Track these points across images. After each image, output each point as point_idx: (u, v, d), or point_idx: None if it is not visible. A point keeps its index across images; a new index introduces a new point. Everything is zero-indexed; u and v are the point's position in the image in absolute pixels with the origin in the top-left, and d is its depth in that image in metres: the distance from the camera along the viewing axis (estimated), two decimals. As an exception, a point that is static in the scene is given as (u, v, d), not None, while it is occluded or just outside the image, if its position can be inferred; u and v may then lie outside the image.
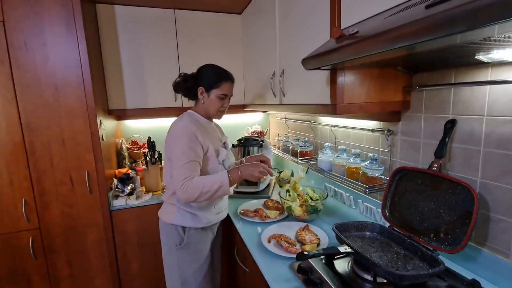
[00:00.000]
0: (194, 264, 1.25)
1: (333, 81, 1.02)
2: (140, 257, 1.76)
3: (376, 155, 1.22)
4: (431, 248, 0.91)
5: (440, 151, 0.97)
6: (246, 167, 1.18)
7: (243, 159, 1.49)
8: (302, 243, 1.13)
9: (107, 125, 1.74)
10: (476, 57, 0.80)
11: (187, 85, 1.24)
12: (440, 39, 0.52)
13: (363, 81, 1.03)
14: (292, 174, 1.52)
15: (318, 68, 0.94)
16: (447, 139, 0.96)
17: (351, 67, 0.99)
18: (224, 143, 1.33)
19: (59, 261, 1.58)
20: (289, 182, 1.42)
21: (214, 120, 1.36)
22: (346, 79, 1.01)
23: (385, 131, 1.21)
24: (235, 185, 1.46)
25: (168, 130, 1.21)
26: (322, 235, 1.20)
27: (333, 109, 1.03)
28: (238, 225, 1.37)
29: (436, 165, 0.97)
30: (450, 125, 0.96)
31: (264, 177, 1.19)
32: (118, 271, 1.71)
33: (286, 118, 2.13)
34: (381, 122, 1.27)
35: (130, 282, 1.76)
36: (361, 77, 1.03)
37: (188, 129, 1.15)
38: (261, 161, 1.39)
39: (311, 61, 0.90)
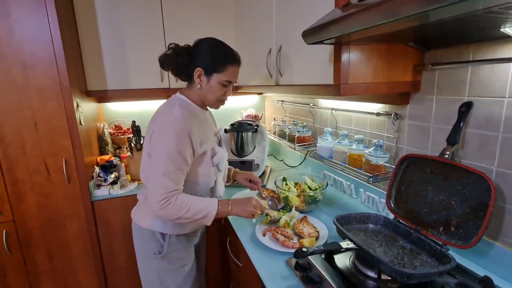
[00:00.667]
0: (177, 274, 1.11)
1: (337, 58, 0.93)
2: (127, 249, 1.70)
3: (381, 141, 1.16)
4: (440, 243, 0.86)
5: (453, 137, 0.90)
6: (237, 204, 1.06)
7: (233, 168, 1.37)
8: (300, 236, 1.08)
9: (86, 107, 1.63)
10: (501, 29, 0.72)
11: (180, 62, 1.00)
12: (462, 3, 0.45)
13: (370, 58, 0.95)
14: (288, 208, 1.27)
15: (321, 42, 0.85)
16: (461, 124, 0.89)
17: (357, 42, 0.90)
18: (219, 137, 1.17)
19: (38, 255, 1.52)
20: (279, 219, 1.18)
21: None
22: (352, 56, 0.92)
23: (392, 115, 1.14)
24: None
25: (153, 119, 1.01)
26: (321, 227, 1.15)
27: (336, 90, 0.95)
28: (230, 216, 1.31)
29: (448, 152, 0.91)
30: (465, 108, 0.89)
31: (258, 212, 1.08)
32: (103, 264, 1.66)
33: (282, 101, 2.05)
34: (387, 105, 1.20)
35: (117, 276, 1.71)
36: (367, 54, 0.94)
37: (180, 127, 0.94)
38: (250, 181, 1.30)
39: (313, 34, 0.81)
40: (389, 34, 0.81)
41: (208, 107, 1.14)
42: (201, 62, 1.00)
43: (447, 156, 0.91)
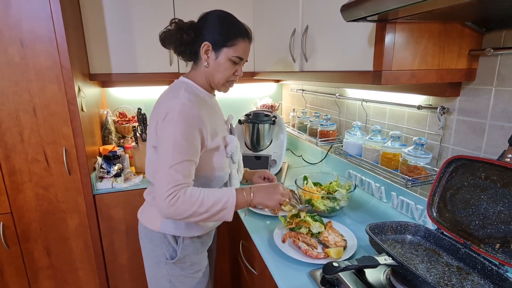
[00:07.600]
0: (190, 280, 1.05)
1: (379, 39, 0.83)
2: (130, 248, 1.67)
3: (423, 138, 1.06)
4: (497, 262, 0.77)
5: (519, 137, 0.80)
6: (261, 191, 0.95)
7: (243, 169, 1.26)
8: (325, 245, 1.00)
9: (88, 92, 1.58)
10: None
11: (185, 37, 0.93)
12: None
13: (419, 40, 0.85)
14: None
15: (364, 18, 0.75)
16: (529, 122, 0.79)
17: (405, 19, 0.80)
18: (230, 125, 1.13)
19: (36, 250, 1.50)
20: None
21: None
22: (398, 37, 0.82)
23: (438, 109, 1.03)
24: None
25: (156, 107, 0.94)
26: (348, 235, 1.07)
27: (376, 78, 0.85)
28: (245, 218, 1.25)
29: (510, 155, 0.81)
30: (535, 102, 0.79)
31: (287, 201, 0.98)
32: (104, 262, 1.64)
33: (303, 90, 1.95)
34: (431, 97, 1.09)
35: (119, 275, 1.69)
36: (416, 35, 0.84)
37: (187, 112, 0.86)
38: (264, 179, 1.22)
39: (356, 7, 0.71)
40: (447, 10, 0.71)
41: (215, 92, 1.07)
42: (209, 36, 0.93)
43: (509, 159, 0.81)
